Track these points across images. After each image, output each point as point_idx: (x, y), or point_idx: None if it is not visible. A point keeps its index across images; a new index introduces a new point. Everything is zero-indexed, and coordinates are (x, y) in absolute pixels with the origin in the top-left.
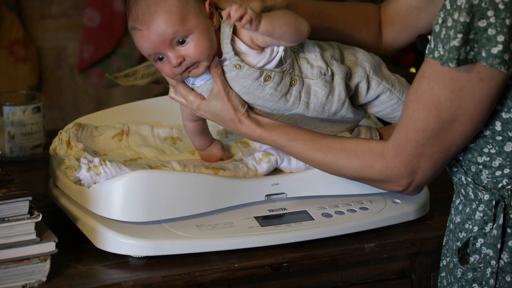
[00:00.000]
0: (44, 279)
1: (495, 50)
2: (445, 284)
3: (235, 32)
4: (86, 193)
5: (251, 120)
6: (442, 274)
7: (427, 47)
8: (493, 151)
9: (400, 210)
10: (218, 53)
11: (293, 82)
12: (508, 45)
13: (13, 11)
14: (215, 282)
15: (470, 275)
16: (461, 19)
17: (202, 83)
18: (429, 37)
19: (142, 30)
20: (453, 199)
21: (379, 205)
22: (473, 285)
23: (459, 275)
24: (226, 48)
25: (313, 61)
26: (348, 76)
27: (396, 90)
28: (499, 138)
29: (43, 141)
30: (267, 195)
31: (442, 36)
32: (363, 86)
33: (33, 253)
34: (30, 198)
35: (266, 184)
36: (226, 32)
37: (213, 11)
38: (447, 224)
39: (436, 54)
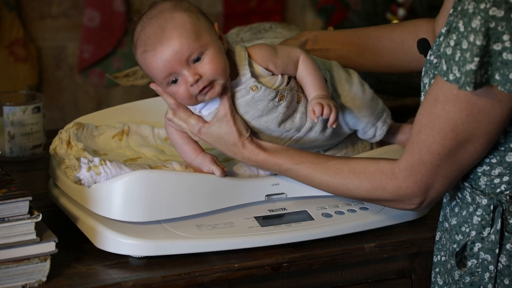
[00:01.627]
0: (44, 279)
1: None
2: (440, 283)
3: (249, 55)
4: (86, 193)
5: (254, 145)
6: (436, 270)
7: (439, 69)
8: (494, 160)
9: (400, 210)
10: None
11: (299, 99)
12: None
13: (13, 11)
14: (215, 282)
15: (467, 279)
16: (478, 42)
17: (213, 110)
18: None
19: (155, 48)
20: (448, 198)
21: (379, 205)
22: None
23: (457, 278)
24: (244, 70)
25: None
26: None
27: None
28: (502, 148)
29: (43, 141)
30: (267, 195)
31: (456, 59)
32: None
33: (33, 253)
34: (30, 198)
35: (266, 184)
36: (242, 55)
37: (221, 34)
38: (440, 220)
39: (451, 77)
